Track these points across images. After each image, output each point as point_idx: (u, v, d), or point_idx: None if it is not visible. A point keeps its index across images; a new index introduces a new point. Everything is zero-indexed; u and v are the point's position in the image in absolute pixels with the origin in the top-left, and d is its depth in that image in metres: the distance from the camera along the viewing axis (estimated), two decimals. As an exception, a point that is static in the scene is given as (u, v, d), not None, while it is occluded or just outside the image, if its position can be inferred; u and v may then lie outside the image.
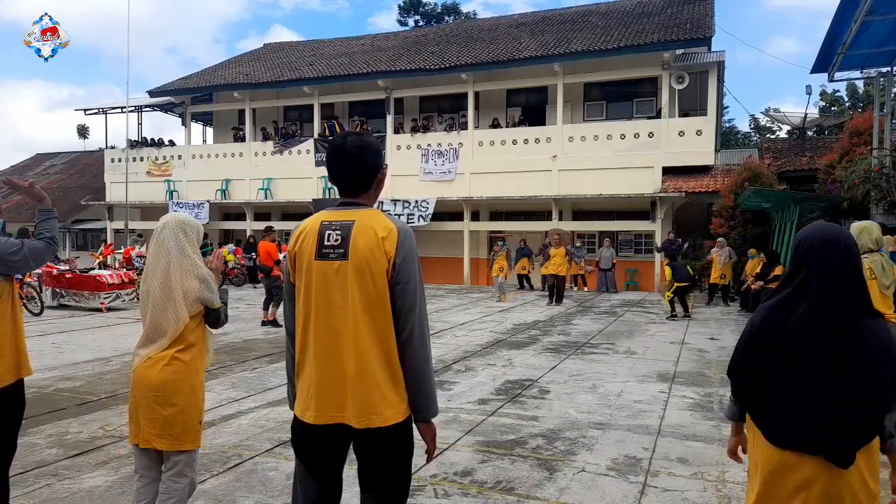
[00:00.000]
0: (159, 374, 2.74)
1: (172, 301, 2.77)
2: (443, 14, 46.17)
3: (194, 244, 2.90)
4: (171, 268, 2.80)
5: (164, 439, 2.75)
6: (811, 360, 1.98)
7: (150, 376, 2.74)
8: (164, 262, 2.80)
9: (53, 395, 6.04)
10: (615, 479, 4.01)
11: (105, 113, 27.54)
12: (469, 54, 22.11)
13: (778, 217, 14.76)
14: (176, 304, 2.77)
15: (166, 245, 2.82)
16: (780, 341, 2.03)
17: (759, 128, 43.19)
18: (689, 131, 18.92)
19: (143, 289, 2.88)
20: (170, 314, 2.77)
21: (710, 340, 9.77)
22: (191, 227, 2.91)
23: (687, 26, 19.85)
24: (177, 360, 2.77)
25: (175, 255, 2.81)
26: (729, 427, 3.69)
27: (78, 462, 4.24)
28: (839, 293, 1.98)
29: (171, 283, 2.78)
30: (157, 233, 2.87)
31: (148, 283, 2.83)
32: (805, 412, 1.98)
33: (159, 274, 2.79)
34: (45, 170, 33.81)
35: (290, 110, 25.83)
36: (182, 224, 2.88)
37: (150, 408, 2.74)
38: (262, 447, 4.56)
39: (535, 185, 20.01)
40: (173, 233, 2.84)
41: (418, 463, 4.22)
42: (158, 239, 2.85)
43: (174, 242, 2.83)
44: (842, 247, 2.03)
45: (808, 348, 1.98)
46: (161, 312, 2.76)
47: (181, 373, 2.78)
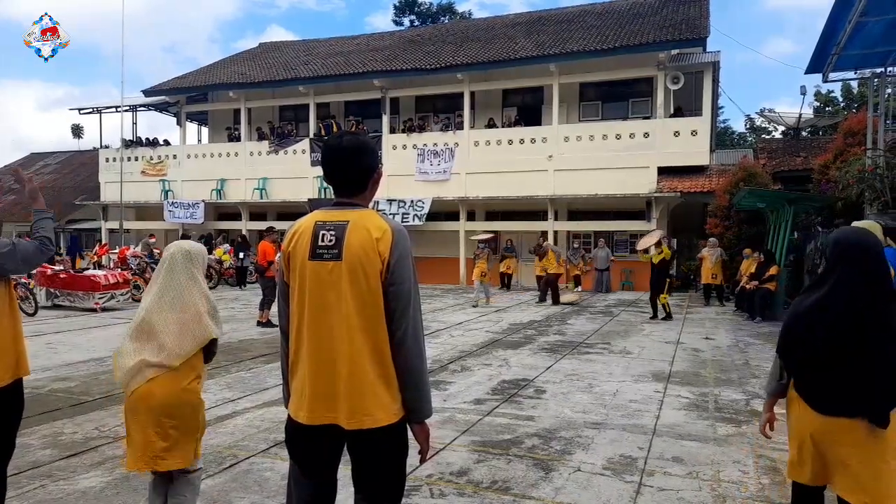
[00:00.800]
0: (170, 395, 2.76)
1: (194, 326, 2.81)
2: (438, 14, 46.17)
3: (202, 271, 2.97)
4: (185, 294, 2.84)
5: (169, 461, 2.79)
6: (849, 338, 2.37)
7: (158, 396, 2.75)
8: (176, 290, 2.84)
9: (48, 396, 6.02)
10: (611, 479, 4.02)
11: (99, 112, 27.45)
12: (465, 54, 22.11)
13: (773, 217, 14.81)
14: (198, 328, 2.81)
15: (176, 274, 2.87)
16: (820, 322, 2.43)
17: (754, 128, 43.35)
18: (684, 131, 18.96)
19: (146, 317, 2.83)
20: (187, 339, 2.79)
21: (705, 340, 9.80)
22: (197, 254, 2.97)
23: (682, 27, 19.89)
24: (181, 380, 2.80)
25: (190, 284, 2.87)
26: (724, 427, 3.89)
27: (72, 463, 4.22)
28: (870, 285, 2.40)
29: (187, 308, 2.82)
30: (167, 261, 2.91)
31: (156, 314, 2.81)
32: (847, 384, 2.37)
33: (170, 301, 2.82)
34: (39, 169, 33.67)
35: (286, 110, 25.78)
36: (188, 253, 2.94)
37: (153, 427, 2.76)
38: (258, 447, 4.55)
39: (531, 185, 20.03)
40: (183, 262, 2.90)
41: (413, 463, 4.21)
42: (168, 267, 2.89)
43: (185, 271, 2.88)
44: (869, 249, 2.46)
45: (847, 329, 2.38)
46: (176, 340, 2.77)
47: (190, 395, 2.84)
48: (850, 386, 2.37)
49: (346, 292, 2.04)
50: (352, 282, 2.03)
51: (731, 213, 16.36)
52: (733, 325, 11.67)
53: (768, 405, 2.82)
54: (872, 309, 2.37)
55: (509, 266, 19.61)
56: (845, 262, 2.46)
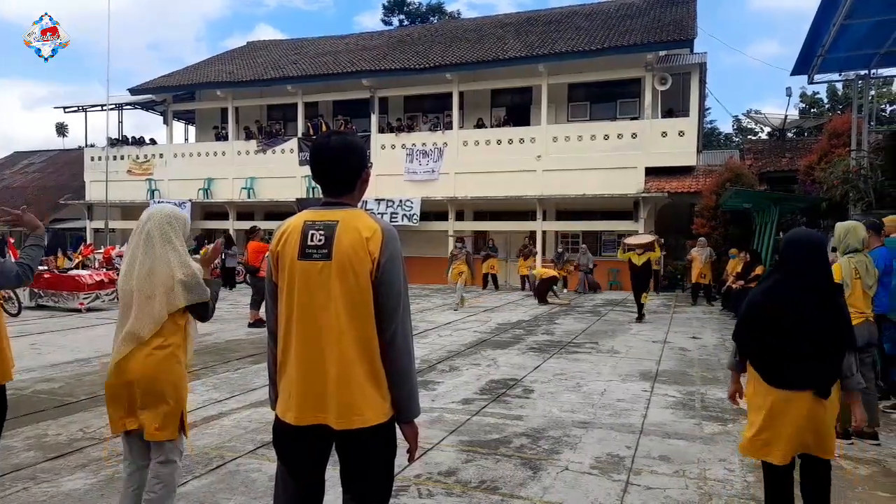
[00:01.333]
0: (144, 365, 2.74)
1: (154, 297, 2.73)
2: (427, 14, 46.14)
3: (181, 237, 2.85)
4: (157, 262, 2.75)
5: (149, 427, 2.77)
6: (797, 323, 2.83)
7: (133, 367, 2.74)
8: (150, 256, 2.76)
9: (32, 397, 5.95)
10: (598, 478, 4.04)
11: (85, 111, 27.18)
12: (454, 54, 22.12)
13: (759, 217, 14.94)
14: (155, 300, 2.73)
15: (152, 238, 2.77)
16: (774, 309, 2.88)
17: (740, 129, 43.72)
18: (671, 132, 19.09)
19: (124, 286, 2.81)
20: (152, 309, 2.74)
21: (692, 339, 9.86)
22: (177, 218, 2.86)
23: (670, 28, 20.02)
24: (159, 351, 2.77)
25: (161, 249, 2.76)
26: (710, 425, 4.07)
27: (56, 465, 4.17)
28: (818, 276, 2.88)
29: (156, 278, 2.74)
30: (142, 225, 2.81)
31: (130, 280, 2.77)
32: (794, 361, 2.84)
33: (145, 268, 2.75)
34: (23, 168, 33.29)
35: (274, 109, 25.66)
36: (168, 216, 2.83)
37: (133, 397, 2.75)
38: (245, 448, 4.52)
39: (520, 185, 20.08)
40: (159, 225, 2.79)
41: (402, 463, 4.21)
42: (143, 231, 2.79)
43: (160, 235, 2.78)
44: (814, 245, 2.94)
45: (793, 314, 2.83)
46: (145, 308, 2.74)
47: (165, 363, 2.78)
48: (801, 364, 2.84)
49: (335, 292, 2.03)
50: (342, 281, 2.03)
51: (718, 214, 16.50)
52: (720, 324, 11.76)
53: (734, 378, 3.27)
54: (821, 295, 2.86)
55: (493, 266, 19.62)
56: (797, 257, 2.93)
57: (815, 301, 2.83)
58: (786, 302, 2.86)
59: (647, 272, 12.06)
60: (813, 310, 2.82)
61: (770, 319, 2.88)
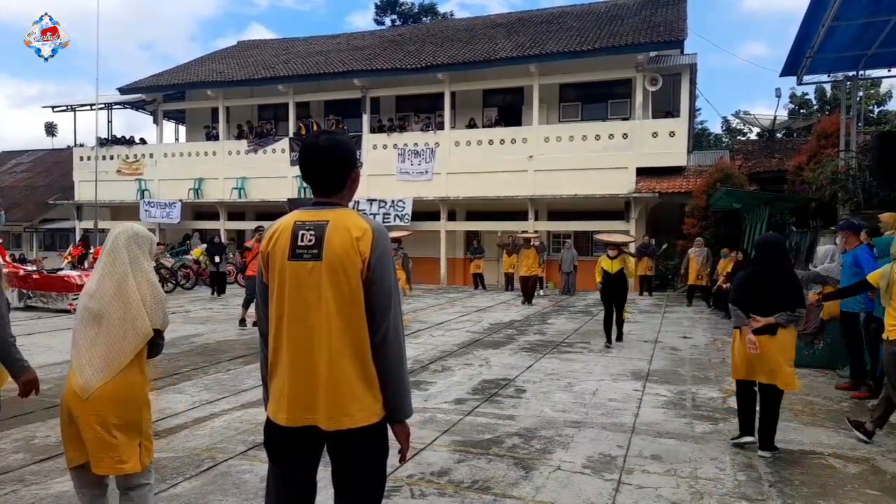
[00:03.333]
0: (109, 393, 2.61)
1: (128, 319, 2.62)
2: (419, 14, 46.09)
3: (148, 257, 2.76)
4: (128, 281, 2.65)
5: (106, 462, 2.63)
6: (766, 291, 4.50)
7: (98, 396, 2.60)
8: (119, 275, 2.66)
9: (20, 399, 5.88)
10: (590, 477, 4.05)
11: (74, 110, 26.98)
12: (445, 54, 22.12)
13: (749, 217, 15.02)
14: (136, 321, 2.63)
15: (119, 257, 2.69)
16: (753, 283, 4.61)
17: (730, 130, 43.94)
18: (662, 133, 19.18)
19: (88, 305, 2.66)
20: (130, 331, 2.62)
21: (682, 339, 9.91)
22: (143, 238, 2.78)
23: (660, 29, 20.11)
24: (128, 379, 2.65)
25: (131, 269, 2.68)
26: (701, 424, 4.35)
27: (45, 467, 4.14)
28: (778, 262, 4.57)
29: (129, 299, 2.64)
30: (109, 243, 2.73)
31: (98, 301, 2.63)
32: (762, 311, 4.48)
33: (113, 289, 2.64)
34: (11, 168, 33.00)
35: (265, 109, 25.56)
36: (134, 235, 2.76)
37: (93, 428, 2.60)
38: (236, 449, 4.50)
39: (512, 185, 20.11)
40: (126, 244, 2.72)
41: (394, 463, 4.20)
42: (111, 250, 2.70)
43: (128, 254, 2.70)
44: (777, 244, 4.70)
45: (765, 286, 4.51)
46: (119, 332, 2.61)
47: (131, 391, 2.66)
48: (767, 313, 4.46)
49: (326, 292, 2.02)
50: (332, 282, 2.02)
51: (709, 214, 16.57)
52: (710, 324, 11.82)
53: (745, 332, 4.50)
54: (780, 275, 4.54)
55: (479, 266, 19.61)
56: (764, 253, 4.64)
57: (778, 277, 4.52)
58: (760, 277, 4.59)
59: (621, 283, 9.26)
60: (776, 282, 4.49)
61: (752, 287, 4.59)
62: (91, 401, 2.59)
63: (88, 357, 2.62)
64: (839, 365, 7.41)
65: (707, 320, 12.31)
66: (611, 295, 9.20)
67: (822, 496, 3.80)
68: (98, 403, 2.60)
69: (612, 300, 9.21)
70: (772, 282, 4.48)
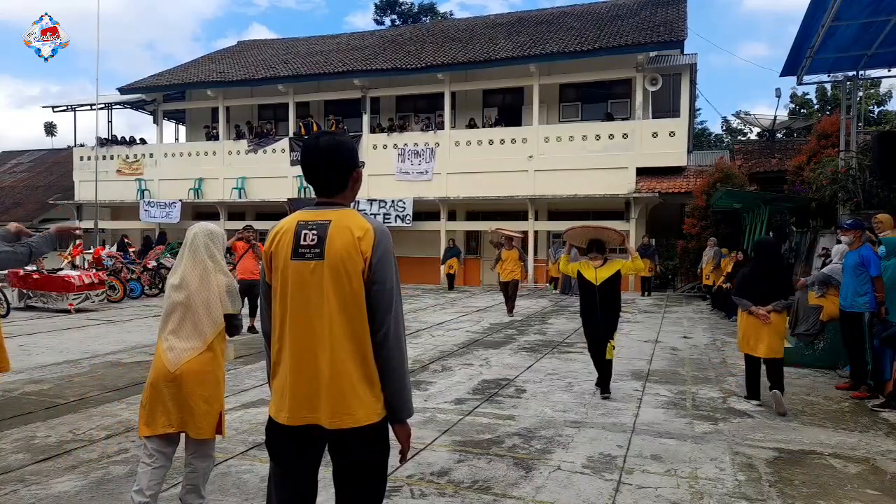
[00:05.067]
0: (194, 370, 3.06)
1: (211, 305, 3.09)
2: (419, 14, 46.11)
3: (221, 251, 3.22)
4: (208, 273, 3.12)
5: (191, 428, 3.09)
6: (764, 284, 5.78)
7: (186, 372, 3.04)
8: (201, 268, 3.12)
9: (20, 399, 5.89)
10: (590, 477, 4.05)
11: (74, 110, 26.97)
12: (445, 54, 22.11)
13: (749, 217, 15.03)
14: (213, 308, 3.10)
15: (200, 252, 3.14)
16: (754, 278, 5.91)
17: (730, 130, 43.95)
18: (662, 133, 19.18)
19: (175, 296, 3.10)
20: (211, 315, 3.09)
21: (682, 339, 9.91)
22: (217, 235, 3.24)
23: (660, 29, 20.11)
24: (207, 357, 3.10)
25: (209, 262, 3.14)
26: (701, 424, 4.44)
27: (45, 467, 4.14)
28: (772, 262, 5.96)
29: (210, 287, 3.10)
30: (189, 241, 3.16)
31: (184, 292, 3.09)
32: (759, 297, 5.78)
33: (197, 280, 3.10)
34: (11, 168, 32.98)
35: (265, 109, 25.56)
36: (210, 233, 3.21)
37: (183, 399, 3.06)
38: (237, 449, 4.50)
39: (512, 186, 20.11)
40: (204, 241, 3.16)
41: (394, 463, 4.20)
42: (192, 247, 3.15)
43: (205, 250, 3.15)
44: (772, 246, 6.23)
45: (763, 280, 5.80)
46: (204, 315, 3.08)
47: (206, 365, 3.10)
48: (762, 300, 5.74)
49: (328, 292, 2.03)
50: (334, 281, 2.03)
51: (709, 214, 16.57)
52: (710, 323, 11.83)
53: (754, 311, 5.75)
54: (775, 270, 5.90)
55: (452, 266, 19.58)
56: (759, 254, 6.01)
57: (771, 272, 5.83)
58: (758, 272, 5.91)
59: (611, 298, 6.21)
60: (773, 276, 5.81)
61: (751, 280, 5.93)
62: (180, 375, 3.04)
63: (176, 338, 3.08)
64: (839, 365, 7.42)
65: (707, 320, 12.31)
66: (595, 317, 6.10)
67: (822, 496, 3.80)
68: (186, 377, 3.04)
69: (599, 325, 6.09)
70: (769, 276, 5.79)
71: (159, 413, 3.07)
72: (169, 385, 3.05)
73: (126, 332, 10.37)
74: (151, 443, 3.09)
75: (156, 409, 3.08)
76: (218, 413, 3.18)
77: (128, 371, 7.27)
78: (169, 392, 3.05)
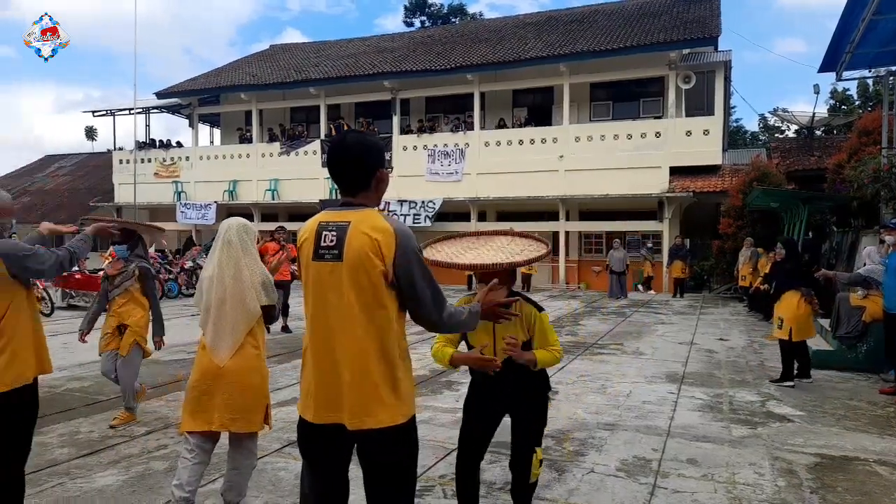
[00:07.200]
0: (238, 364, 3.08)
1: (246, 298, 3.10)
2: (449, 15, 46.16)
3: (254, 244, 3.23)
4: (242, 266, 3.12)
5: (240, 422, 3.11)
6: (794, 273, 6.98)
7: (230, 366, 3.07)
8: (235, 261, 3.12)
9: (64, 395, 6.08)
10: (624, 480, 4.00)
11: (113, 115, 27.69)
12: (475, 55, 22.11)
13: (787, 217, 14.68)
14: (248, 300, 3.10)
15: (234, 246, 3.13)
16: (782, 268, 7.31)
17: (767, 127, 43.01)
18: (696, 131, 18.87)
19: (212, 291, 3.10)
20: (248, 308, 3.09)
21: (718, 341, 9.73)
22: (250, 228, 3.25)
23: (693, 26, 19.78)
24: (250, 351, 3.13)
25: (243, 255, 3.14)
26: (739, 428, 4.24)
27: (89, 461, 4.26)
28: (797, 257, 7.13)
29: (244, 280, 3.10)
30: (223, 234, 3.16)
31: (220, 286, 3.09)
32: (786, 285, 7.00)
33: (231, 274, 3.10)
34: (53, 171, 34.00)
35: (297, 111, 25.90)
36: (244, 226, 3.22)
37: (229, 394, 3.07)
38: (272, 447, 4.57)
39: (542, 186, 20.00)
40: (238, 234, 3.16)
41: (426, 463, 4.22)
42: (225, 240, 3.14)
43: (240, 243, 3.14)
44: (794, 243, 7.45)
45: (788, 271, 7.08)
46: (240, 309, 3.09)
47: (255, 361, 3.15)
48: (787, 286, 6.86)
49: (347, 293, 2.04)
50: (353, 282, 2.03)
51: (745, 213, 16.24)
52: (747, 326, 11.58)
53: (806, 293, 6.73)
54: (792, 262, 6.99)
55: None
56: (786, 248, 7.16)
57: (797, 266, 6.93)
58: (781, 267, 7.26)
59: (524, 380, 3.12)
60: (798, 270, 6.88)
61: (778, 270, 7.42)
62: (226, 371, 3.07)
63: (217, 335, 3.09)
64: (884, 369, 7.19)
65: (744, 322, 12.06)
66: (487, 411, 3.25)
67: None
68: (231, 373, 3.07)
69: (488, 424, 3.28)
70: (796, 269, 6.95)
71: (204, 409, 3.10)
72: (216, 380, 3.07)
73: (164, 331, 10.58)
74: (193, 438, 3.12)
75: (200, 404, 3.10)
76: (265, 406, 3.21)
77: (166, 368, 7.43)
78: (216, 387, 3.07)
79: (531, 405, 3.16)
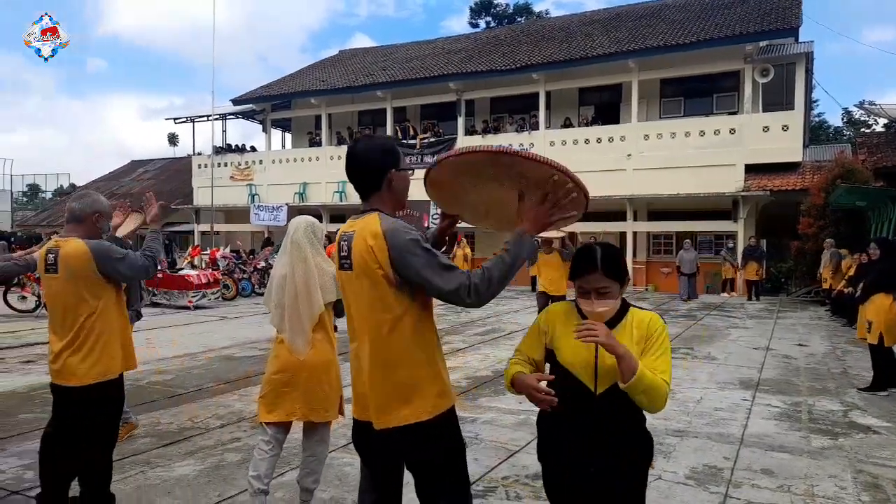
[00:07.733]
0: (316, 357, 3.21)
1: (312, 293, 3.20)
2: (514, 14, 45.93)
3: (321, 242, 3.34)
4: (309, 263, 3.22)
5: (317, 412, 3.25)
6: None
7: (308, 359, 3.20)
8: (302, 259, 3.23)
9: (147, 388, 6.44)
10: (694, 489, 3.88)
11: (192, 121, 29.07)
12: (540, 54, 21.90)
13: (874, 216, 13.80)
14: (313, 296, 3.20)
15: (302, 245, 3.24)
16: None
17: (852, 122, 40.54)
18: (774, 126, 18.01)
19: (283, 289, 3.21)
20: (315, 304, 3.20)
21: (797, 347, 9.25)
22: (318, 227, 3.36)
23: (772, 17, 18.90)
24: (322, 343, 3.24)
25: (311, 253, 3.24)
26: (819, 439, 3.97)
27: (168, 451, 4.50)
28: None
29: (311, 278, 3.21)
30: (291, 234, 3.28)
31: (292, 282, 3.20)
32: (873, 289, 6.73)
33: (300, 271, 3.21)
34: (138, 176, 36.01)
35: (364, 115, 26.41)
36: (311, 225, 3.32)
37: (308, 385, 3.20)
38: (338, 443, 4.68)
39: (609, 185, 19.53)
40: (305, 234, 3.27)
41: (490, 464, 4.22)
42: (293, 240, 3.26)
43: (308, 242, 3.25)
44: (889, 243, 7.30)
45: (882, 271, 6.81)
46: (309, 305, 3.20)
47: (328, 353, 3.26)
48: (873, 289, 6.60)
49: (361, 299, 2.13)
50: (364, 289, 2.11)
51: (827, 213, 15.37)
52: (829, 331, 10.96)
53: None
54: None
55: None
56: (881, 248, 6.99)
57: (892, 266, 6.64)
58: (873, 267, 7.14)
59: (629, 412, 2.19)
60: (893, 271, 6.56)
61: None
62: (305, 363, 3.20)
63: (293, 331, 3.21)
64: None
65: (826, 327, 11.42)
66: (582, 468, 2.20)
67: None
68: (310, 366, 3.21)
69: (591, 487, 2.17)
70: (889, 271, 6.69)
71: (283, 400, 3.21)
72: (296, 373, 3.19)
73: (238, 328, 11.06)
74: (271, 429, 3.24)
75: (280, 396, 3.22)
76: (339, 396, 3.34)
77: (239, 364, 7.75)
78: (296, 379, 3.19)
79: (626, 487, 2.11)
